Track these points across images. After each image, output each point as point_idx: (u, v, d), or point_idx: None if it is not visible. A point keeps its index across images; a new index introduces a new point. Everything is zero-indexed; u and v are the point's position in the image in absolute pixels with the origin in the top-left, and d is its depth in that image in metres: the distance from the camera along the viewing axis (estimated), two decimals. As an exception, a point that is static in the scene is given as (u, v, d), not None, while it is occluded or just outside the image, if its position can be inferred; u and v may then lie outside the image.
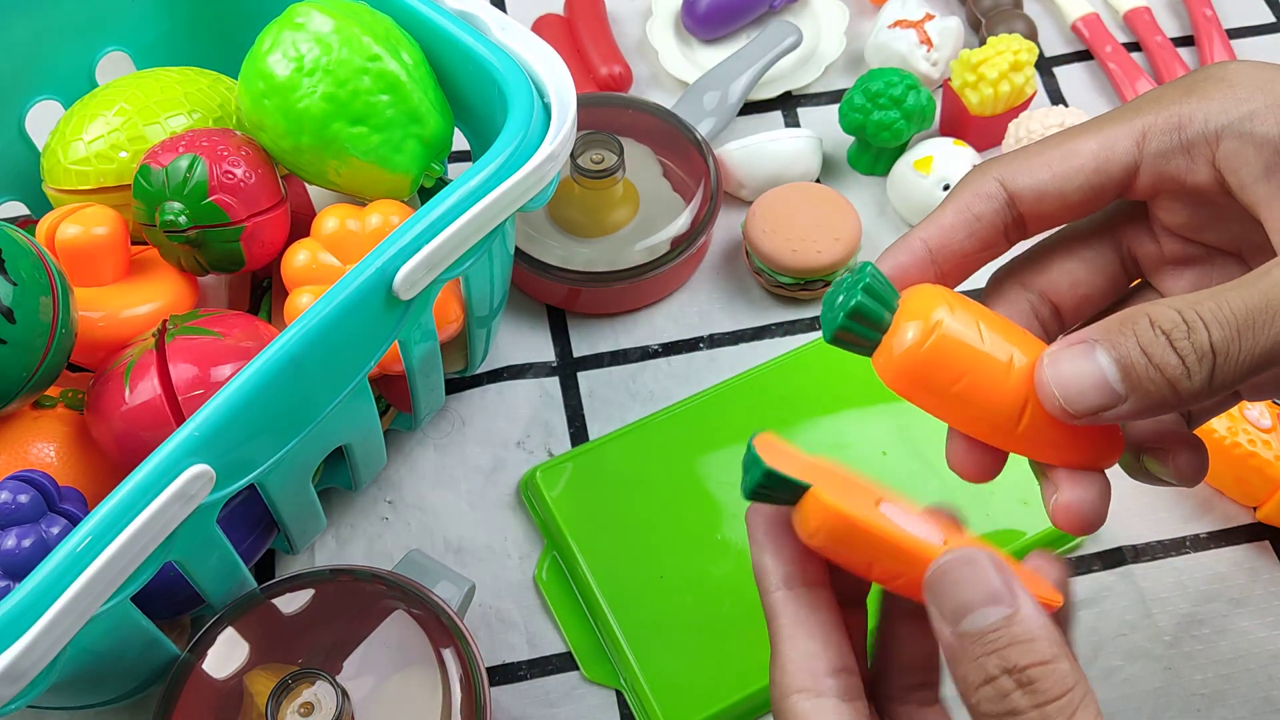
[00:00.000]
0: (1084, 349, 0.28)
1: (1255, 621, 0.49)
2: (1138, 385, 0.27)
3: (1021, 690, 0.25)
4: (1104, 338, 0.28)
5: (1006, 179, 0.32)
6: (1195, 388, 0.27)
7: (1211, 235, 0.32)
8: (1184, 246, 0.33)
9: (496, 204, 0.42)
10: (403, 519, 0.53)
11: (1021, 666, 0.25)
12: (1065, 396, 0.28)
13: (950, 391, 0.30)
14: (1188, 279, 0.33)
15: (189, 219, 0.45)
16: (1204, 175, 0.30)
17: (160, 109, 0.50)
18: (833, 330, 0.31)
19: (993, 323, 0.31)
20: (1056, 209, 0.31)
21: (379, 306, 0.41)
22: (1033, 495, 0.50)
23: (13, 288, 0.40)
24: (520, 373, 0.57)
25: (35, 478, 0.39)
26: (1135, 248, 0.34)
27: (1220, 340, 0.26)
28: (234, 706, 0.39)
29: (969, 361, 0.30)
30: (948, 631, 0.27)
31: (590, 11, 0.70)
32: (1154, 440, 0.33)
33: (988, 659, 0.26)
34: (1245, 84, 0.30)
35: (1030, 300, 0.33)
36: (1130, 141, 0.31)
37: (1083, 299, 0.34)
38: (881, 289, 0.30)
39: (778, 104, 0.68)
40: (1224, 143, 0.29)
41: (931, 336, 0.30)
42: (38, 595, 0.34)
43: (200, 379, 0.42)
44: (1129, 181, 0.31)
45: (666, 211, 0.58)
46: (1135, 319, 0.27)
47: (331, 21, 0.46)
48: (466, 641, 0.41)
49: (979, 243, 0.32)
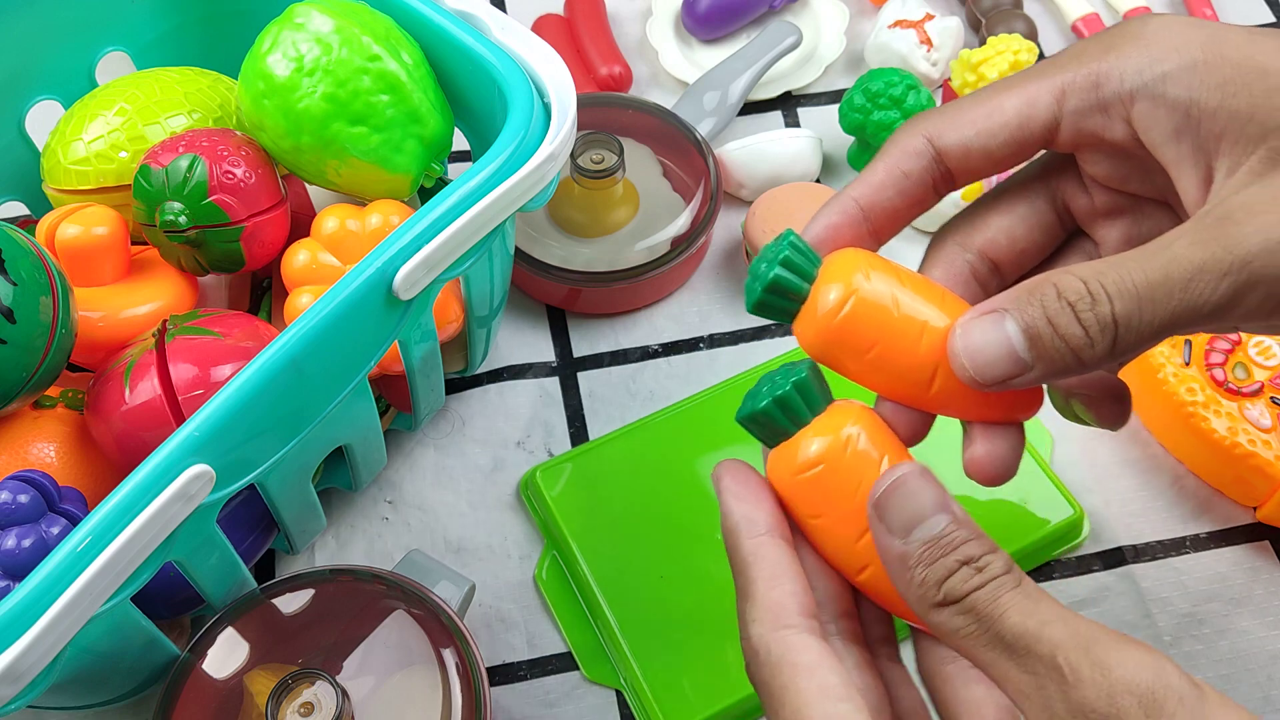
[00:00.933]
0: (994, 319, 0.29)
1: (1255, 621, 0.49)
2: (1044, 354, 0.28)
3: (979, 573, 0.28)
4: (1013, 306, 0.29)
5: (934, 136, 0.32)
6: (1098, 355, 0.28)
7: (1137, 186, 0.33)
8: (1114, 197, 0.34)
9: (496, 204, 0.42)
10: (403, 519, 0.53)
11: (976, 556, 0.28)
12: (975, 366, 0.29)
13: (865, 359, 0.31)
14: (1119, 228, 0.34)
15: (189, 219, 0.45)
16: (1121, 132, 0.31)
17: (160, 109, 0.50)
18: (753, 302, 0.32)
19: (914, 286, 0.32)
20: (982, 164, 0.32)
21: (379, 306, 0.41)
22: (1033, 495, 0.51)
23: (13, 288, 0.40)
24: (520, 373, 0.57)
25: (35, 478, 0.39)
26: (1069, 200, 0.34)
27: (1123, 312, 0.27)
28: (234, 706, 0.39)
29: (882, 329, 0.31)
30: (899, 544, 0.29)
31: (590, 11, 0.70)
32: (1081, 386, 0.34)
33: (947, 558, 0.28)
34: (1162, 43, 0.30)
35: (969, 260, 0.34)
36: (1051, 98, 0.31)
37: (1020, 254, 0.35)
38: (800, 260, 0.31)
39: (778, 104, 0.68)
40: (1138, 103, 0.30)
41: (845, 307, 0.31)
42: (38, 595, 0.34)
43: (200, 379, 0.42)
44: (1051, 137, 0.32)
45: (666, 211, 0.58)
46: (1043, 289, 0.28)
47: (331, 21, 0.46)
48: (466, 641, 0.41)
49: (908, 199, 0.33)
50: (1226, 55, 0.29)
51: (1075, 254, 0.35)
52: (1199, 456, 0.52)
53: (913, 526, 0.29)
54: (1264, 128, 0.28)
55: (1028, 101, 0.31)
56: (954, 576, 0.28)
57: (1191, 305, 0.27)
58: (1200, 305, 0.27)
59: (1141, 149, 0.31)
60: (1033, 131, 0.32)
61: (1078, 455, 0.54)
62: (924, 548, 0.28)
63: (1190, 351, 0.52)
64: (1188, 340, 0.52)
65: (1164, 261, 0.27)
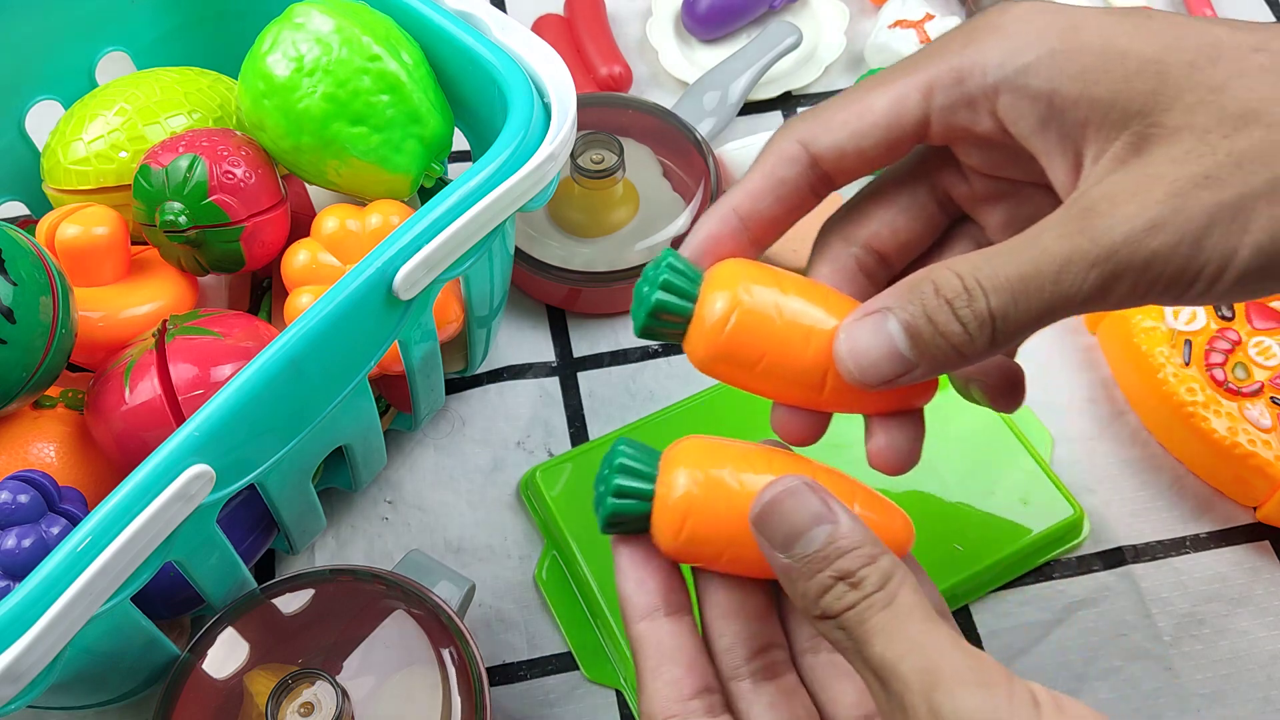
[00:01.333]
0: (876, 320, 0.30)
1: (1255, 621, 0.49)
2: (926, 351, 0.29)
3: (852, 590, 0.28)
4: (894, 305, 0.29)
5: (807, 141, 0.33)
6: (979, 349, 0.29)
7: (1013, 172, 0.33)
8: (992, 184, 0.34)
9: (496, 204, 0.42)
10: (403, 519, 0.53)
11: (852, 571, 0.28)
12: (860, 369, 0.30)
13: (756, 370, 0.32)
14: (1002, 212, 0.34)
15: (189, 219, 0.45)
16: (988, 125, 0.31)
17: (160, 109, 0.50)
18: (639, 328, 0.32)
19: (798, 291, 0.32)
20: (857, 164, 0.33)
21: (379, 306, 0.41)
22: (1033, 494, 0.51)
23: (13, 288, 0.40)
24: (520, 373, 0.57)
25: (35, 478, 0.39)
26: (949, 188, 0.35)
27: (998, 306, 0.28)
28: (234, 706, 0.39)
29: (769, 339, 0.31)
30: (782, 558, 0.29)
31: (590, 11, 0.70)
32: (978, 372, 0.35)
33: (823, 573, 0.28)
34: (1021, 34, 0.30)
35: (854, 253, 0.35)
36: (918, 95, 0.31)
37: (904, 245, 0.35)
38: (680, 281, 0.32)
39: (778, 104, 0.68)
40: (1002, 96, 0.30)
41: (730, 322, 0.31)
42: (38, 595, 0.34)
43: (200, 379, 0.42)
44: (923, 132, 0.32)
45: (666, 211, 0.58)
46: (921, 286, 0.29)
47: (331, 21, 0.46)
48: (466, 641, 0.41)
49: (786, 205, 0.33)
50: (1085, 42, 0.29)
51: (962, 239, 0.36)
52: (1199, 456, 0.52)
53: (792, 542, 0.29)
54: (1125, 113, 0.28)
55: (896, 100, 0.32)
56: (829, 593, 0.28)
57: (1064, 295, 0.28)
58: (1072, 295, 0.28)
59: (1012, 140, 0.31)
60: (904, 129, 0.32)
61: (1078, 455, 0.54)
62: (803, 562, 0.29)
63: (1190, 351, 0.52)
64: (1187, 340, 0.52)
65: (1034, 255, 0.28)
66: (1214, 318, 0.53)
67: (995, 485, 0.51)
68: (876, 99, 0.32)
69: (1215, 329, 0.52)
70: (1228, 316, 0.53)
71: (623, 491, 0.32)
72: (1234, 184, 0.27)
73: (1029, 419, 0.54)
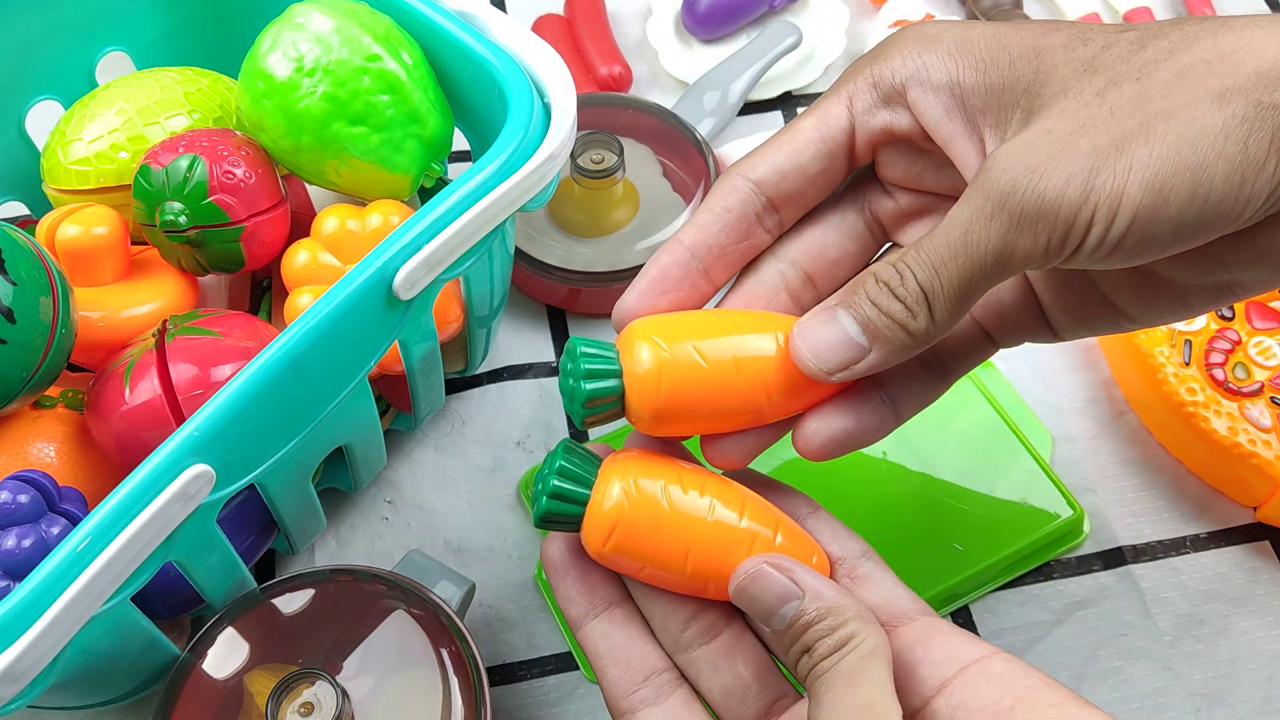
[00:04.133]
0: (827, 314, 0.32)
1: (1255, 621, 0.49)
2: (876, 334, 0.31)
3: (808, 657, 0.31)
4: (842, 300, 0.32)
5: (747, 170, 0.35)
6: (923, 326, 0.31)
7: (932, 182, 0.36)
8: (915, 199, 0.37)
9: (496, 204, 0.42)
10: (403, 519, 0.53)
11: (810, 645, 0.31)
12: (817, 358, 0.32)
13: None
14: (923, 228, 0.37)
15: (189, 219, 0.45)
16: (906, 121, 0.34)
17: (160, 109, 0.50)
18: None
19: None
20: (799, 185, 0.35)
21: (379, 307, 0.41)
22: (1033, 494, 0.51)
23: (13, 288, 0.40)
24: (520, 373, 0.57)
25: (35, 478, 0.39)
26: (876, 209, 0.37)
27: (925, 280, 0.30)
28: (234, 706, 0.39)
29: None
30: (765, 630, 0.33)
31: (590, 11, 0.70)
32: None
33: (795, 646, 0.32)
34: (919, 40, 0.34)
35: (782, 270, 0.37)
36: (841, 107, 0.35)
37: (833, 264, 0.37)
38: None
39: (778, 104, 0.68)
40: (911, 91, 0.33)
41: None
42: (38, 595, 0.34)
43: (200, 379, 0.42)
44: (851, 142, 0.35)
45: (666, 211, 0.58)
46: (863, 279, 0.32)
47: (331, 21, 0.46)
48: (466, 641, 0.41)
49: (733, 233, 0.35)
50: (975, 40, 0.33)
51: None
52: (1199, 456, 0.52)
53: (769, 617, 0.32)
54: (1014, 93, 0.31)
55: (822, 115, 0.35)
56: (800, 662, 0.32)
57: (974, 258, 0.30)
58: (982, 255, 0.29)
59: (929, 140, 0.34)
60: (836, 140, 0.35)
61: (1078, 455, 0.54)
62: (778, 635, 0.32)
63: (1190, 351, 0.52)
64: (1187, 340, 0.52)
65: (945, 226, 0.30)
66: (1214, 318, 0.53)
67: (995, 485, 0.51)
68: (805, 120, 0.35)
69: (1215, 329, 0.52)
70: (1228, 316, 0.53)
71: (558, 493, 0.34)
72: (1108, 129, 0.28)
73: (1029, 419, 0.54)
